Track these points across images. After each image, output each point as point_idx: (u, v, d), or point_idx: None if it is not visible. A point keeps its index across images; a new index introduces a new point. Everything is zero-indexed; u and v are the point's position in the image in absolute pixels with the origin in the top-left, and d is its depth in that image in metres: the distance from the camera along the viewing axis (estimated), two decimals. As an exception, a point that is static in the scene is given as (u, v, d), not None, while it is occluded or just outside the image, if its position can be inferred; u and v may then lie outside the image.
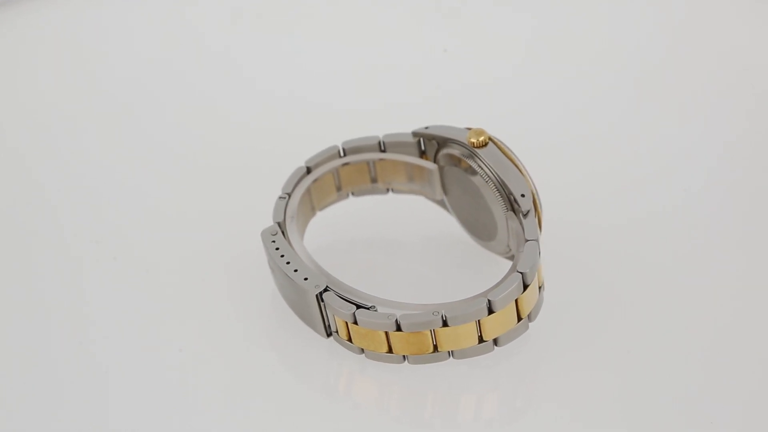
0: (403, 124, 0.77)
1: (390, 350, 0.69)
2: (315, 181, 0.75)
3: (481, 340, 0.69)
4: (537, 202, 0.72)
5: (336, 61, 0.93)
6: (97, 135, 0.87)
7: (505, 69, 0.92)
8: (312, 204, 0.76)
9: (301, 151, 0.77)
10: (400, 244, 0.79)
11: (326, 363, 0.72)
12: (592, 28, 0.95)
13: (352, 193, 0.78)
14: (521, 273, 0.68)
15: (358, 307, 0.68)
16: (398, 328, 0.67)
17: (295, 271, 0.69)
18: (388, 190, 0.78)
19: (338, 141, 0.76)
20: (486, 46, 0.94)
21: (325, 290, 0.68)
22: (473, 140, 0.73)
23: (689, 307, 0.74)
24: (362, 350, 0.69)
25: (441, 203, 0.78)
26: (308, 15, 0.97)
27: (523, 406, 0.71)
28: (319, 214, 0.78)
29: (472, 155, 0.73)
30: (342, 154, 0.76)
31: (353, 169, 0.77)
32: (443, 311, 0.67)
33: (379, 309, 0.68)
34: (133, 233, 0.80)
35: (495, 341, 0.69)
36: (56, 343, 0.72)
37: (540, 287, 0.70)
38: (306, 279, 0.69)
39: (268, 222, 0.72)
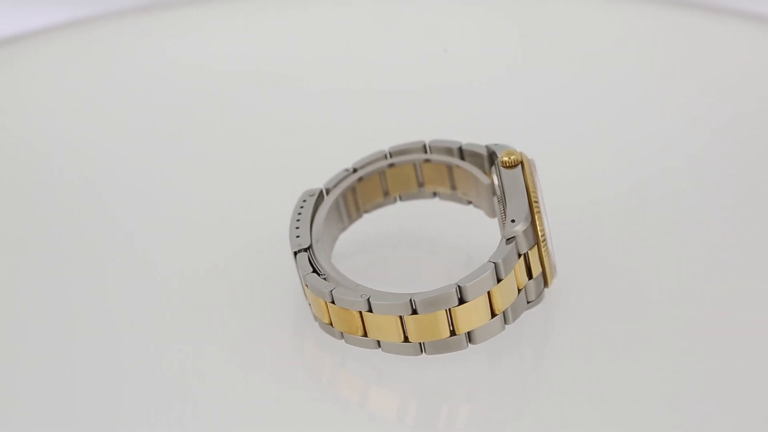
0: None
1: (331, 323, 0.71)
2: (392, 166, 0.78)
3: (406, 339, 0.68)
4: (540, 242, 0.69)
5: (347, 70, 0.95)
6: (119, 138, 0.92)
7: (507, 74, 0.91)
8: (386, 189, 0.78)
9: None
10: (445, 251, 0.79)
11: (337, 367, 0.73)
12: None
13: (438, 195, 0.79)
14: (457, 285, 0.66)
15: (314, 272, 0.71)
16: (333, 301, 0.69)
17: (297, 228, 0.74)
18: (469, 202, 0.78)
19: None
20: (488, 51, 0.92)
21: (304, 251, 0.72)
22: (504, 159, 0.72)
23: (689, 306, 0.73)
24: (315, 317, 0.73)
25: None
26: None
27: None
28: (401, 205, 0.80)
29: (498, 173, 0.72)
30: (427, 150, 0.78)
31: (434, 168, 0.78)
32: (370, 296, 0.68)
33: (329, 281, 0.70)
34: (145, 233, 0.82)
35: (422, 347, 0.69)
36: (59, 343, 0.74)
37: (499, 315, 0.68)
38: (297, 237, 0.73)
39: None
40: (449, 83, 0.94)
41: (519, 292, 0.69)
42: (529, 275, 0.70)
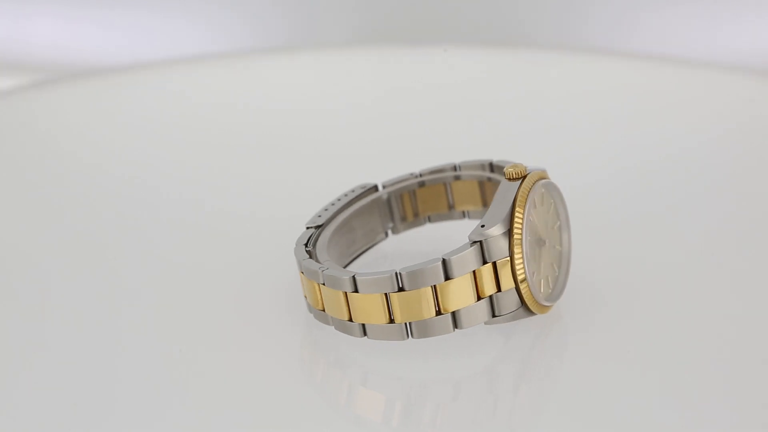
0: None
1: (306, 295, 0.72)
2: (457, 179, 0.77)
3: (350, 318, 0.68)
4: (515, 256, 0.66)
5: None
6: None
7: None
8: (451, 202, 0.78)
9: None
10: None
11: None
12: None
13: None
14: (397, 272, 0.66)
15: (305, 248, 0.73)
16: (302, 271, 0.71)
17: (325, 210, 0.76)
18: None
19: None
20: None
21: (315, 228, 0.73)
22: (509, 170, 0.70)
23: (689, 307, 0.71)
24: None
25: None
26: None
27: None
28: (465, 221, 0.79)
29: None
30: (489, 169, 0.77)
31: (493, 188, 0.76)
32: (325, 270, 0.68)
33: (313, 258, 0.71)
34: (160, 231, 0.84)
35: (364, 329, 0.68)
36: (64, 344, 0.73)
37: (446, 314, 0.66)
38: (319, 216, 0.75)
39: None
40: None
41: (479, 300, 0.66)
42: (499, 287, 0.66)
